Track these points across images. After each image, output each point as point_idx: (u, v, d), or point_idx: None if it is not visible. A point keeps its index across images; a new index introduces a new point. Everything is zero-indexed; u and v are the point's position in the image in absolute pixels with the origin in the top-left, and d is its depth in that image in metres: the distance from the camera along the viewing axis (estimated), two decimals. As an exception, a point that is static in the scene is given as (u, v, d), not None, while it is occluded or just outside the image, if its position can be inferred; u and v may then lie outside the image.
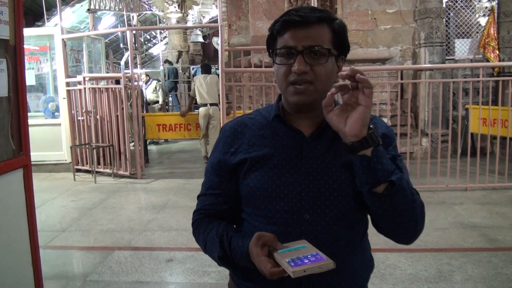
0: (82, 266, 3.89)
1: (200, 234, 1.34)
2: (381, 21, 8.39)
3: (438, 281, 3.44)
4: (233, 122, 1.37)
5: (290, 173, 1.23)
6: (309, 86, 1.19)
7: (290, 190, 1.22)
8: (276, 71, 1.24)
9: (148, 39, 25.23)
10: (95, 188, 6.59)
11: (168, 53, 17.90)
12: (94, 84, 7.46)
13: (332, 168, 1.23)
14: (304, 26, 1.18)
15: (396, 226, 1.21)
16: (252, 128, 1.32)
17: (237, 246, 1.20)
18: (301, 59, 1.17)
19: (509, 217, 4.97)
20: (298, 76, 1.18)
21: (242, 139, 1.30)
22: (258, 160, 1.26)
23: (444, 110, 7.26)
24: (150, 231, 4.71)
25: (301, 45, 1.17)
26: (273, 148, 1.26)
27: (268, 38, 1.28)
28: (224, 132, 1.36)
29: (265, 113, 1.34)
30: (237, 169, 1.30)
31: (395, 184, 1.13)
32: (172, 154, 9.88)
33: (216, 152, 1.35)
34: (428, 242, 4.23)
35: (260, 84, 7.06)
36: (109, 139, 7.25)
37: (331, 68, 1.22)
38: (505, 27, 8.36)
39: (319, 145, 1.25)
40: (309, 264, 1.04)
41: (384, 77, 7.93)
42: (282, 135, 1.27)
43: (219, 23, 6.75)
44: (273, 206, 1.23)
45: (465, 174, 6.09)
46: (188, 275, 3.64)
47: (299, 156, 1.24)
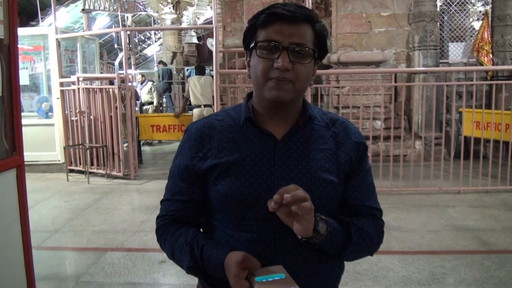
0: (75, 267, 3.87)
1: (166, 241, 1.28)
2: (376, 24, 8.42)
3: (431, 284, 3.45)
4: (199, 124, 1.29)
5: (263, 178, 1.19)
6: (288, 84, 1.15)
7: (263, 196, 1.16)
8: (254, 64, 1.18)
9: (143, 39, 25.20)
10: (88, 188, 6.57)
11: (162, 54, 17.89)
12: (88, 84, 7.43)
13: (306, 173, 1.20)
14: (291, 23, 1.15)
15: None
16: (221, 131, 1.25)
17: (210, 256, 1.16)
18: (285, 56, 1.14)
19: (501, 220, 4.99)
20: (280, 73, 1.14)
21: (210, 143, 1.24)
22: (229, 165, 1.20)
23: (438, 113, 7.29)
24: (143, 232, 4.69)
25: (287, 42, 1.14)
26: (244, 153, 1.21)
27: (247, 29, 1.22)
28: (190, 134, 1.28)
29: (234, 115, 1.28)
30: (206, 175, 1.23)
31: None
32: (166, 155, 9.84)
33: (182, 156, 1.29)
34: (421, 245, 4.25)
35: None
36: (103, 139, 7.22)
37: (310, 70, 1.20)
38: (498, 31, 8.41)
39: (291, 148, 1.22)
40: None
41: (378, 80, 7.95)
42: (253, 139, 1.22)
43: (214, 24, 6.75)
44: (246, 213, 1.18)
45: (458, 177, 6.12)
46: (181, 276, 3.63)
47: (272, 161, 1.20)
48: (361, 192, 1.28)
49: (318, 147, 1.23)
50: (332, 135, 1.26)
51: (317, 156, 1.21)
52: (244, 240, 1.19)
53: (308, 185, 1.18)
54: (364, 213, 1.28)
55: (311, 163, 1.21)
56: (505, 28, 8.32)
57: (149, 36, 23.93)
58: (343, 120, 1.32)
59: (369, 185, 1.31)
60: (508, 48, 8.34)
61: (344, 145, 1.26)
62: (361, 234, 1.23)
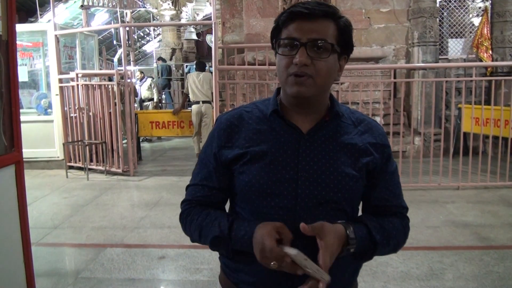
0: (74, 263, 3.88)
1: (193, 221, 1.31)
2: (375, 20, 8.42)
3: (430, 279, 3.46)
4: (229, 114, 1.34)
5: (287, 169, 1.22)
6: (308, 79, 1.18)
7: (286, 186, 1.21)
8: (278, 62, 1.23)
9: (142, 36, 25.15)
10: (88, 185, 6.57)
11: (161, 50, 17.84)
12: (87, 81, 7.43)
13: (330, 167, 1.23)
14: (310, 19, 1.18)
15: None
16: (249, 122, 1.29)
17: (240, 226, 1.21)
18: (303, 51, 1.16)
19: (500, 215, 5.01)
20: (299, 68, 1.17)
21: (239, 133, 1.28)
22: (255, 155, 1.24)
23: (437, 109, 7.29)
24: (142, 228, 4.70)
25: (305, 38, 1.17)
26: (270, 144, 1.24)
27: (273, 29, 1.26)
28: (219, 124, 1.33)
29: (262, 107, 1.32)
30: (233, 163, 1.27)
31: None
32: (165, 151, 9.86)
33: (212, 144, 1.33)
34: (420, 240, 4.26)
35: (254, 82, 7.05)
36: (102, 136, 7.22)
37: (332, 64, 1.22)
38: (498, 27, 8.40)
39: (316, 142, 1.25)
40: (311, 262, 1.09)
41: (377, 76, 7.95)
42: (280, 131, 1.26)
43: (213, 20, 6.74)
44: (268, 202, 1.22)
45: (457, 173, 6.13)
46: (180, 272, 3.64)
47: (296, 153, 1.23)
48: (388, 193, 1.33)
49: (343, 143, 1.26)
50: (357, 133, 1.29)
51: (341, 151, 1.25)
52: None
53: (331, 178, 1.22)
54: (392, 211, 1.34)
55: (335, 157, 1.24)
56: (504, 24, 8.31)
57: (148, 33, 23.88)
58: (370, 121, 1.35)
59: (396, 184, 1.36)
60: (507, 44, 8.34)
61: (369, 144, 1.29)
62: (383, 233, 1.28)
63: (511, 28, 8.32)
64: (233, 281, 1.34)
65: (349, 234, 1.19)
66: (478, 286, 3.34)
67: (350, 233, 1.19)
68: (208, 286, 3.40)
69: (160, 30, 19.71)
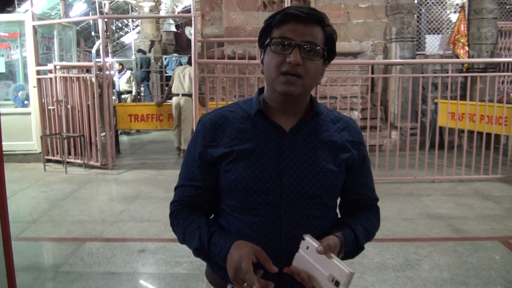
0: (54, 257, 3.87)
1: (179, 225, 1.36)
2: (354, 15, 8.50)
3: (405, 269, 3.56)
4: (212, 114, 1.37)
5: (272, 167, 1.27)
6: (298, 79, 1.23)
7: (271, 183, 1.26)
8: (269, 60, 1.26)
9: (120, 27, 24.80)
10: (66, 178, 6.51)
11: (140, 42, 17.68)
12: (65, 72, 7.34)
13: (312, 163, 1.29)
14: (304, 23, 1.23)
15: None
16: (233, 122, 1.33)
17: (217, 242, 1.25)
18: (297, 52, 1.22)
19: (474, 208, 5.15)
20: (292, 67, 1.22)
21: (223, 132, 1.31)
22: (240, 153, 1.28)
23: (414, 104, 7.40)
24: (122, 222, 4.70)
25: (299, 39, 1.22)
26: (255, 142, 1.29)
27: (263, 29, 1.31)
28: (203, 124, 1.36)
29: (245, 107, 1.36)
30: (219, 162, 1.31)
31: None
32: (143, 144, 9.80)
33: (196, 144, 1.36)
34: (395, 232, 4.36)
35: (234, 75, 7.07)
36: (80, 129, 7.16)
37: (319, 68, 1.29)
38: (475, 24, 8.57)
39: (298, 140, 1.31)
40: None
41: (355, 71, 8.04)
42: (263, 130, 1.30)
43: (193, 13, 6.71)
44: (255, 198, 1.26)
45: (433, 166, 6.27)
46: (160, 265, 3.67)
47: (280, 150, 1.28)
48: (366, 187, 1.44)
49: (323, 140, 1.33)
50: (336, 130, 1.37)
51: (322, 148, 1.31)
52: (252, 223, 1.27)
53: (313, 174, 1.28)
54: (368, 204, 1.47)
55: (316, 154, 1.30)
56: (481, 21, 8.49)
57: (127, 24, 23.56)
58: (347, 119, 1.43)
59: (371, 179, 1.48)
60: (484, 41, 8.52)
61: (347, 142, 1.37)
62: (365, 233, 1.38)
63: (488, 25, 8.50)
64: (220, 275, 1.37)
65: (343, 244, 1.28)
66: (453, 276, 3.45)
67: (343, 243, 1.28)
68: (188, 279, 3.43)
69: (138, 21, 19.50)
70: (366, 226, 1.38)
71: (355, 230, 1.33)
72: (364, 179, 1.44)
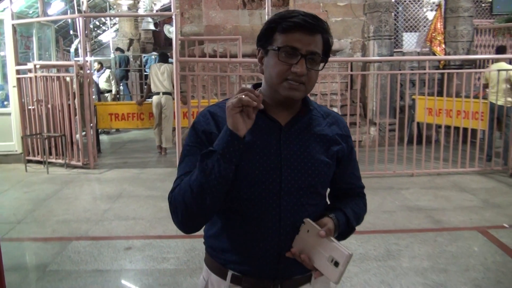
0: (41, 257, 3.86)
1: (180, 189, 1.32)
2: (332, 13, 8.61)
3: (387, 259, 3.68)
4: (210, 107, 1.42)
5: (271, 159, 1.34)
6: (301, 85, 1.31)
7: (271, 174, 1.33)
8: (273, 65, 1.31)
9: (98, 25, 24.58)
10: (48, 179, 6.48)
11: (118, 40, 17.54)
12: (44, 72, 7.28)
13: (307, 155, 1.37)
14: (309, 33, 1.29)
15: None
16: None
17: (217, 139, 1.27)
18: (303, 63, 1.28)
19: (452, 200, 5.31)
20: (297, 77, 1.29)
21: (223, 123, 1.33)
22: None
23: (392, 101, 7.56)
24: (106, 220, 4.72)
25: (304, 49, 1.28)
26: (254, 136, 1.34)
27: (265, 31, 1.35)
28: (204, 115, 1.40)
29: None
30: None
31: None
32: (124, 144, 9.76)
33: (197, 134, 1.37)
34: (376, 224, 4.49)
35: (215, 74, 7.12)
36: (61, 128, 7.11)
37: (318, 73, 1.36)
38: (451, 22, 8.77)
39: (293, 134, 1.38)
40: None
41: (334, 68, 8.16)
42: (261, 124, 1.36)
43: (173, 11, 6.72)
44: (255, 189, 1.33)
45: (411, 161, 6.42)
46: (147, 262, 3.71)
47: (278, 143, 1.36)
48: (353, 177, 1.55)
49: (316, 134, 1.41)
50: (326, 125, 1.45)
51: (315, 141, 1.40)
52: (253, 212, 1.34)
53: (309, 165, 1.37)
54: (356, 192, 1.56)
55: (311, 147, 1.39)
56: (457, 19, 8.70)
57: (104, 22, 23.35)
58: (335, 114, 1.52)
59: (358, 169, 1.58)
60: (460, 39, 8.73)
61: (337, 135, 1.46)
62: (355, 216, 1.47)
63: (464, 23, 8.71)
64: (220, 262, 1.43)
65: (337, 225, 1.37)
66: (433, 264, 3.59)
67: (337, 225, 1.37)
68: (176, 274, 3.48)
69: (116, 19, 19.33)
70: (355, 209, 1.48)
71: (346, 212, 1.43)
72: (352, 169, 1.53)
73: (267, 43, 1.34)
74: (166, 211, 5.02)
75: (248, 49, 7.81)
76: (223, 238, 1.41)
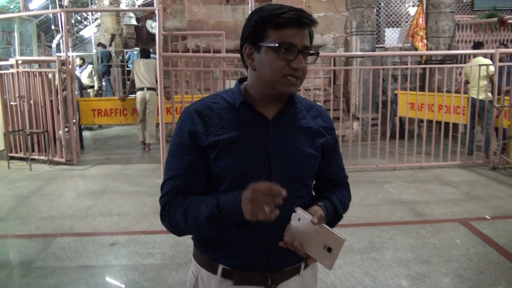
0: (26, 253, 3.83)
1: (176, 210, 1.35)
2: (315, 9, 8.65)
3: (370, 252, 3.74)
4: (196, 105, 1.41)
5: (259, 153, 1.36)
6: (298, 81, 1.34)
7: (260, 168, 1.35)
8: (270, 62, 1.31)
9: (79, 20, 24.28)
10: (31, 175, 6.42)
11: (100, 35, 17.34)
12: (26, 67, 7.19)
13: (294, 148, 1.39)
14: (301, 27, 1.31)
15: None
16: (218, 112, 1.38)
17: (227, 199, 1.28)
18: (301, 58, 1.31)
19: (435, 193, 5.41)
20: (296, 72, 1.31)
21: (210, 122, 1.36)
22: (229, 142, 1.34)
23: (374, 95, 7.63)
24: (91, 217, 4.70)
25: (300, 45, 1.30)
26: (242, 131, 1.36)
27: (254, 26, 1.34)
28: (189, 113, 1.39)
29: (228, 98, 1.42)
30: (208, 151, 1.36)
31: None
32: (107, 140, 9.71)
33: (183, 133, 1.38)
34: (360, 218, 4.55)
35: (198, 69, 7.11)
36: (44, 125, 7.05)
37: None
38: (433, 17, 8.89)
39: (280, 127, 1.40)
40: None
41: (317, 63, 8.19)
42: (248, 119, 1.38)
43: (156, 6, 6.68)
44: (245, 183, 1.29)
45: (393, 155, 6.51)
46: (132, 257, 3.71)
47: (266, 137, 1.37)
48: (338, 168, 1.58)
49: (302, 127, 1.43)
50: (311, 117, 1.47)
51: (300, 134, 1.42)
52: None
53: (296, 158, 1.39)
54: (341, 182, 1.59)
55: (297, 140, 1.41)
56: (439, 14, 8.82)
57: (86, 17, 23.07)
58: (318, 107, 1.54)
59: (341, 160, 1.61)
60: (441, 34, 8.85)
61: (322, 127, 1.48)
62: (342, 204, 1.50)
63: (445, 19, 8.83)
64: (209, 257, 1.43)
65: (326, 213, 1.39)
66: (416, 256, 3.66)
67: (325, 212, 1.39)
68: (161, 269, 3.49)
69: (98, 14, 19.12)
70: (341, 198, 1.51)
71: (333, 201, 1.46)
72: (336, 161, 1.56)
73: (258, 39, 1.33)
74: (151, 206, 5.03)
75: (231, 44, 7.81)
76: (215, 239, 1.41)
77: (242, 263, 1.39)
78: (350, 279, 3.31)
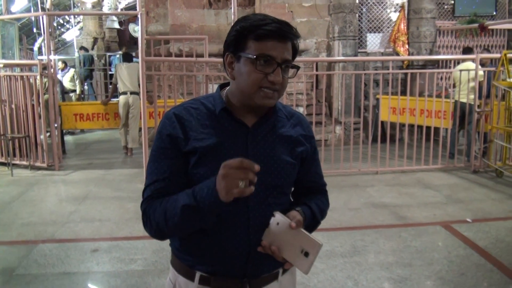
0: (7, 261, 3.78)
1: (156, 210, 1.34)
2: (298, 14, 8.71)
3: (353, 255, 3.77)
4: (177, 109, 1.41)
5: None
6: (275, 93, 1.34)
7: None
8: (247, 73, 1.31)
9: (61, 23, 24.03)
10: (12, 181, 6.34)
11: (83, 39, 17.21)
12: (7, 71, 7.09)
13: (273, 156, 1.40)
14: (282, 40, 1.30)
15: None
16: (198, 118, 1.39)
17: (201, 187, 1.26)
18: (279, 72, 1.30)
19: (416, 196, 5.47)
20: (273, 85, 1.31)
21: (189, 127, 1.36)
22: (209, 149, 1.35)
23: (356, 100, 7.70)
24: (73, 222, 4.66)
25: (279, 58, 1.30)
26: (221, 138, 1.36)
27: (235, 36, 1.33)
28: (170, 118, 1.39)
29: (208, 104, 1.42)
30: (188, 156, 1.36)
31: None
32: (89, 144, 9.61)
33: (163, 138, 1.38)
34: (342, 221, 4.58)
35: (181, 73, 7.10)
36: (25, 129, 6.97)
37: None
38: (414, 23, 9.01)
39: (260, 135, 1.41)
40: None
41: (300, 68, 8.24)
42: (228, 126, 1.38)
43: (139, 10, 6.66)
44: None
45: (376, 159, 6.57)
46: (114, 263, 3.69)
47: (245, 145, 1.38)
48: (317, 175, 1.60)
49: (281, 135, 1.44)
50: (291, 126, 1.48)
51: (280, 142, 1.43)
52: (222, 212, 1.32)
53: (275, 166, 1.40)
54: (319, 189, 1.62)
55: (276, 148, 1.42)
56: (420, 20, 8.95)
57: (68, 20, 22.85)
58: (299, 115, 1.55)
59: (320, 167, 1.63)
60: (423, 40, 8.98)
61: (301, 136, 1.49)
62: (320, 210, 1.53)
63: (427, 24, 8.96)
64: (187, 264, 1.44)
65: (304, 218, 1.41)
66: (398, 259, 3.70)
67: (304, 218, 1.41)
68: (144, 275, 3.48)
69: (80, 17, 18.95)
70: (319, 204, 1.53)
71: (311, 207, 1.48)
72: (315, 169, 1.58)
73: (239, 49, 1.33)
74: (133, 212, 5.00)
75: (214, 49, 7.82)
76: (191, 240, 1.41)
77: (221, 270, 1.39)
78: (332, 283, 3.34)
